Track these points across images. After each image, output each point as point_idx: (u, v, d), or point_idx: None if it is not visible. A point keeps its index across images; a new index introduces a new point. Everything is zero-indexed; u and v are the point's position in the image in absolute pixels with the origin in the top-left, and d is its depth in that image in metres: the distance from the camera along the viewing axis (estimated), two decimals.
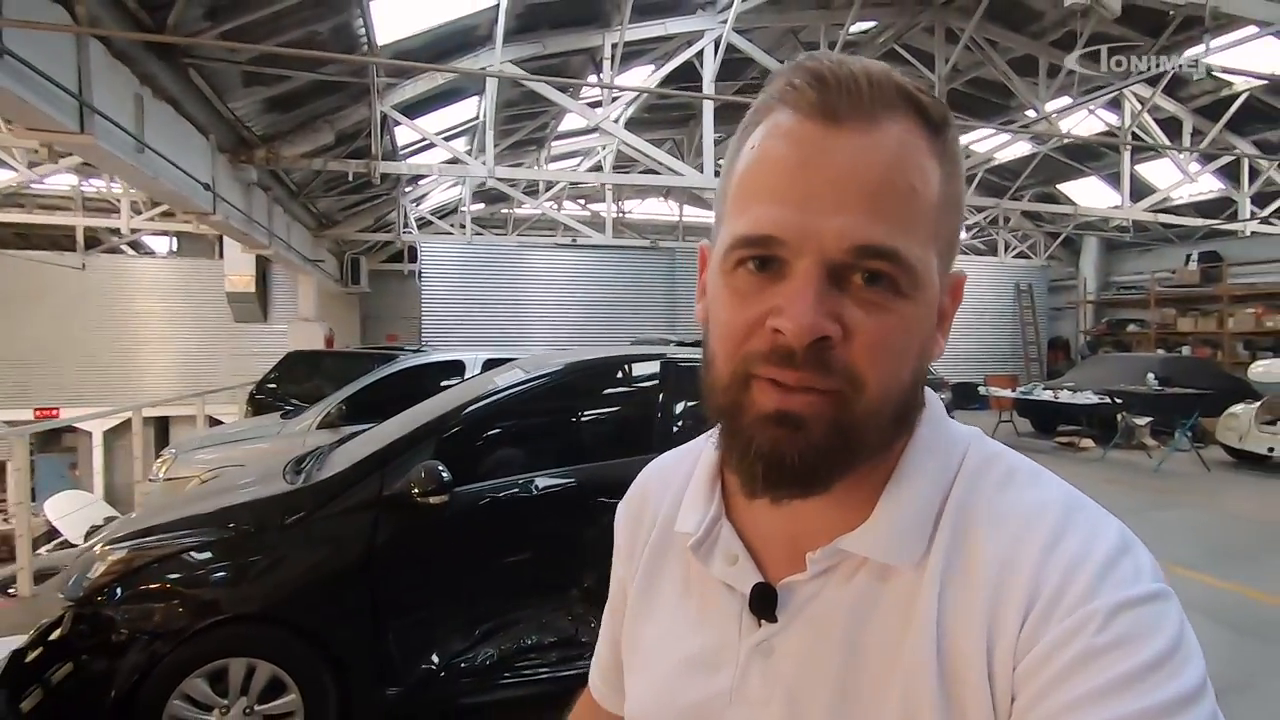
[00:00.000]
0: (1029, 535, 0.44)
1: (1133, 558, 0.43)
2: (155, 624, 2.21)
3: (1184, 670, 0.39)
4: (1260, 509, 6.62)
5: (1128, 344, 15.36)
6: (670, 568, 0.59)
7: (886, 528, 0.47)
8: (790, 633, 0.50)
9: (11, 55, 3.18)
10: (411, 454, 2.48)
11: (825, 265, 0.43)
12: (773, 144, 0.45)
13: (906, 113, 0.44)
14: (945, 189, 0.46)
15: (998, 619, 0.43)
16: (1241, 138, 10.91)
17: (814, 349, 0.42)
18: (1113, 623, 0.40)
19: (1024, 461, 0.51)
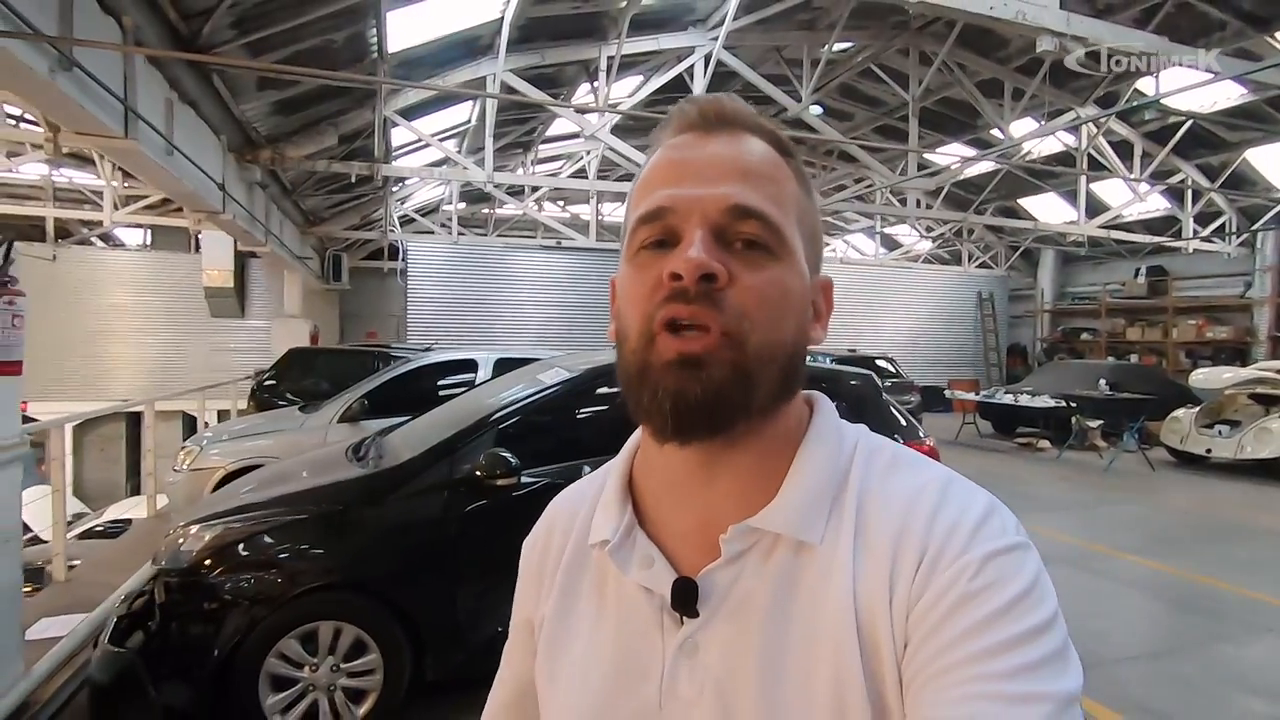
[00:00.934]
0: (916, 507, 0.50)
1: (999, 518, 0.49)
2: (255, 591, 2.48)
3: (1040, 606, 0.45)
4: (1197, 504, 7.26)
5: (1081, 351, 16.18)
6: (585, 587, 0.60)
7: (791, 505, 0.51)
8: (713, 625, 0.52)
9: (80, 68, 3.38)
10: (475, 442, 2.79)
11: (709, 226, 0.50)
12: (662, 154, 0.54)
13: (762, 135, 0.55)
14: (802, 196, 0.55)
15: (895, 578, 0.48)
16: (1186, 161, 11.74)
17: (704, 286, 0.48)
18: (984, 569, 0.45)
19: (905, 449, 0.57)
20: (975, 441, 11.29)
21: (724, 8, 8.25)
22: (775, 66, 10.27)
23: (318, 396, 6.53)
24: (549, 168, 14.91)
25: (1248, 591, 4.54)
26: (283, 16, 5.16)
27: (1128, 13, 8.34)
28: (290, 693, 2.50)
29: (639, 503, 0.58)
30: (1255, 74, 4.86)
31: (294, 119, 7.24)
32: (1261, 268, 13.19)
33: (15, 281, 2.56)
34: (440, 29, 7.05)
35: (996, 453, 10.47)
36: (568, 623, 0.60)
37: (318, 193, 11.15)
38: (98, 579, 4.25)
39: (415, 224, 14.70)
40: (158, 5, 4.22)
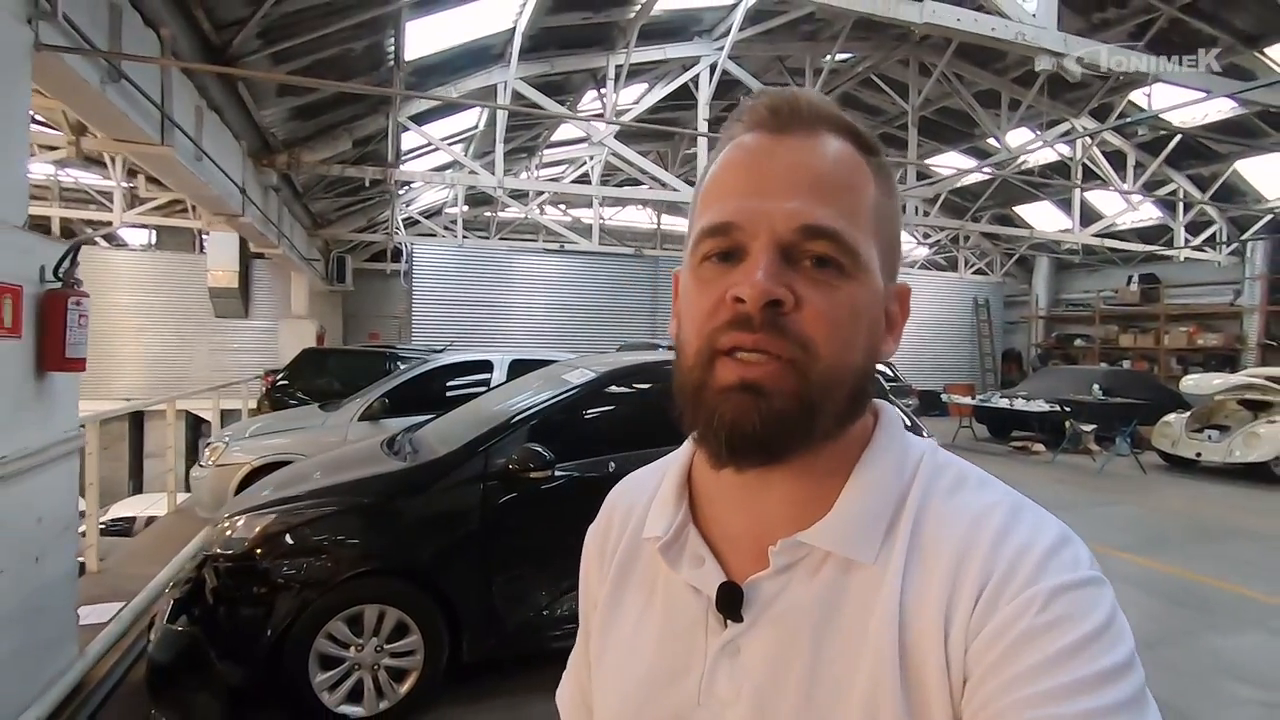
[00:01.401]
0: (980, 531, 0.47)
1: (1071, 549, 0.46)
2: (305, 576, 2.64)
3: (1115, 646, 0.42)
4: (1188, 506, 7.47)
5: (1075, 357, 16.45)
6: (637, 578, 0.60)
7: (845, 522, 0.50)
8: (756, 631, 0.51)
9: (128, 80, 3.54)
10: (509, 438, 2.96)
11: (777, 245, 0.47)
12: (731, 155, 0.51)
13: (841, 133, 0.51)
14: (881, 200, 0.51)
15: (953, 606, 0.46)
16: (1178, 172, 12.00)
17: (769, 313, 0.46)
18: (1053, 604, 0.43)
19: (973, 469, 0.54)
20: (971, 445, 11.49)
21: (730, 19, 8.46)
22: (778, 76, 10.49)
23: (330, 396, 6.68)
24: (552, 172, 15.10)
25: (1236, 588, 4.74)
26: (307, 27, 5.32)
27: (1123, 27, 8.60)
28: (337, 671, 2.66)
29: (695, 500, 0.58)
30: (1244, 93, 5.07)
31: (310, 124, 7.40)
32: (1251, 276, 13.46)
33: (81, 283, 2.72)
34: (455, 38, 7.23)
35: (992, 456, 10.66)
36: (618, 611, 0.61)
37: (327, 195, 11.30)
38: (128, 571, 4.40)
39: (419, 226, 14.86)
40: (193, 16, 4.38)
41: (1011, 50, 4.33)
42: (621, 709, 0.57)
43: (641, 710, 0.56)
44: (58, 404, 2.75)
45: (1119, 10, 8.47)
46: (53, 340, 2.61)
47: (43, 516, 2.67)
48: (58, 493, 2.80)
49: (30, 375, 2.57)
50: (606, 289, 15.67)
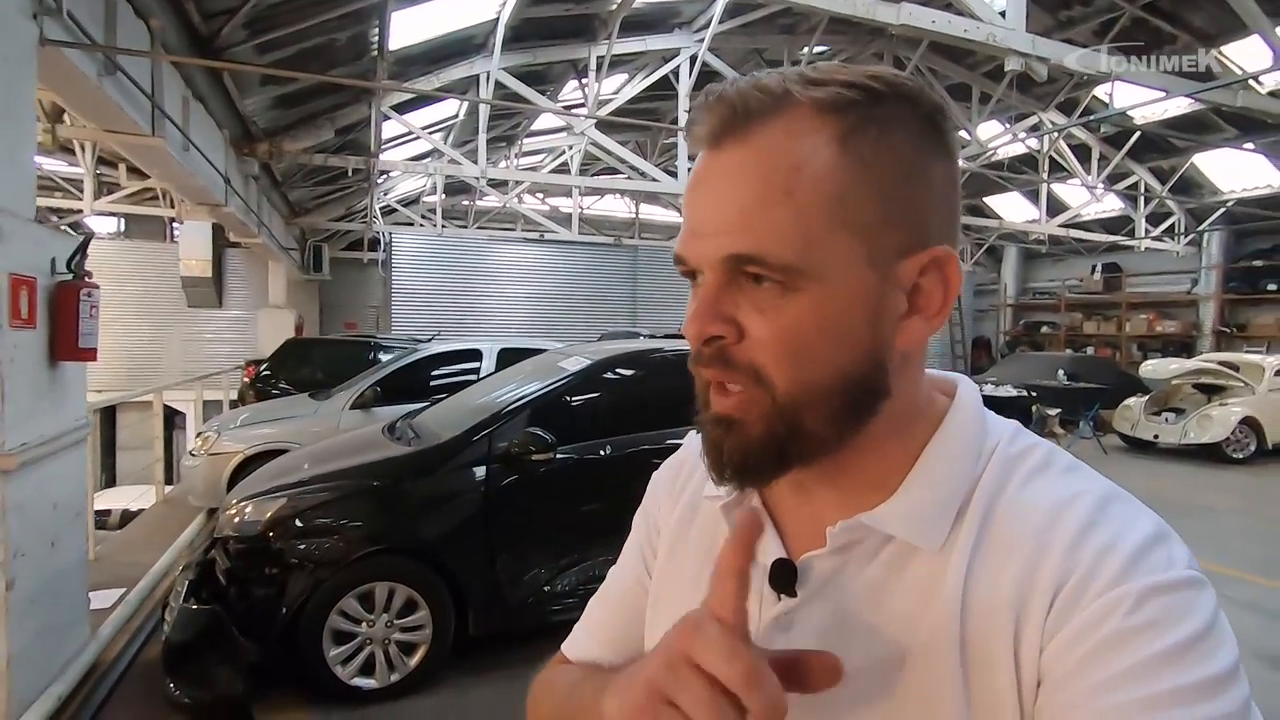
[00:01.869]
0: (1060, 522, 0.44)
1: (1166, 547, 0.43)
2: (319, 555, 2.76)
3: (1217, 653, 0.38)
4: (1146, 486, 7.86)
5: (1041, 344, 16.92)
6: (694, 536, 0.60)
7: (910, 506, 0.47)
8: (809, 608, 0.50)
9: (123, 72, 3.57)
10: (511, 422, 3.10)
11: (715, 274, 0.46)
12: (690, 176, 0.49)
13: (794, 111, 0.44)
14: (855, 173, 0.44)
15: (1026, 601, 0.43)
16: (1139, 164, 12.43)
17: (712, 349, 0.46)
18: (1144, 605, 0.39)
19: (1062, 454, 0.50)
20: None
21: (709, 11, 8.57)
22: (756, 68, 10.58)
23: (314, 386, 6.70)
24: (530, 161, 15.10)
25: None
26: (293, 18, 5.33)
27: (1087, 25, 8.91)
28: (350, 645, 2.79)
29: None
30: (1200, 94, 5.35)
31: (292, 113, 7.37)
32: (1207, 266, 14.02)
33: (91, 275, 2.78)
34: (438, 29, 7.24)
35: None
36: (676, 563, 0.61)
37: (305, 184, 11.21)
38: (124, 559, 4.46)
39: (396, 215, 14.78)
40: (182, 8, 4.39)
41: (983, 50, 4.52)
42: None
43: None
44: (69, 393, 2.82)
45: (1084, 8, 8.76)
46: (65, 331, 2.68)
47: (57, 502, 2.75)
48: (70, 480, 2.88)
49: (44, 365, 2.64)
50: (587, 278, 15.75)
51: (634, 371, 3.63)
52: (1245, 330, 13.70)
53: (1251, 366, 9.66)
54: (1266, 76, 5.86)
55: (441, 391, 5.17)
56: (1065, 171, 11.85)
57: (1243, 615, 4.07)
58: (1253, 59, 8.35)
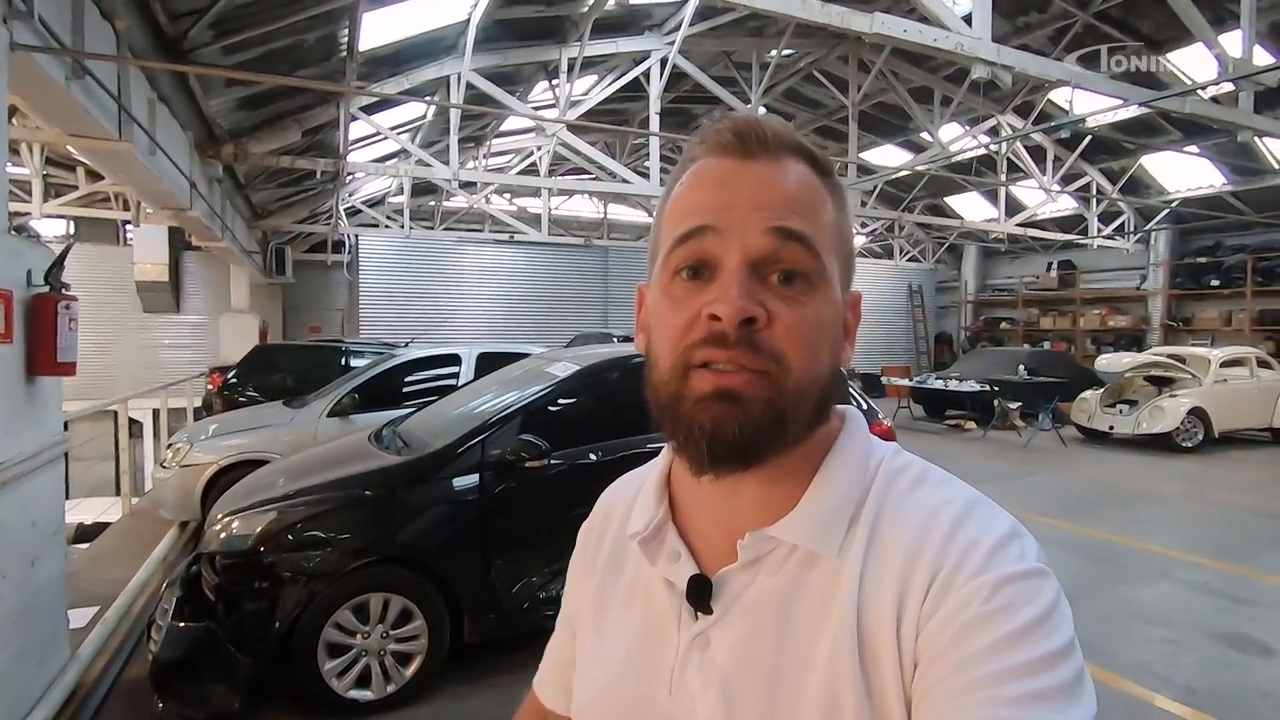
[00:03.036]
0: (934, 523, 0.50)
1: (1019, 543, 0.49)
2: (312, 568, 2.73)
3: (1055, 633, 0.44)
4: (1102, 474, 8.19)
5: (1001, 339, 17.45)
6: (621, 574, 0.63)
7: (809, 517, 0.52)
8: (725, 623, 0.53)
9: (91, 75, 3.47)
10: (503, 429, 3.11)
11: (749, 261, 0.49)
12: (699, 176, 0.53)
13: (801, 157, 0.53)
14: (838, 218, 0.54)
15: (906, 593, 0.48)
16: (1092, 165, 12.92)
17: (744, 330, 0.48)
18: (999, 592, 0.45)
19: (934, 469, 0.56)
20: (909, 424, 12.13)
21: (679, 14, 8.64)
22: (725, 69, 10.74)
23: (283, 394, 6.56)
24: (499, 161, 14.98)
25: (1145, 545, 5.31)
26: (261, 19, 5.22)
27: (1043, 31, 9.23)
28: (345, 658, 2.77)
29: (674, 500, 0.61)
30: (1154, 102, 5.60)
31: (257, 115, 7.21)
32: (1155, 262, 14.63)
33: (68, 287, 2.71)
34: (408, 29, 7.16)
35: (928, 434, 11.32)
36: (603, 604, 0.64)
37: (268, 186, 10.96)
38: (97, 575, 4.32)
39: (361, 216, 14.53)
40: (148, 9, 4.28)
41: (952, 59, 4.67)
42: (596, 698, 0.60)
43: (614, 699, 0.59)
44: (47, 408, 2.75)
45: (1040, 15, 9.08)
46: (43, 344, 2.60)
47: (36, 521, 2.68)
48: (48, 496, 2.80)
49: (22, 380, 2.56)
50: (558, 279, 15.70)
51: (622, 375, 3.66)
52: (1190, 324, 14.34)
53: (1198, 359, 10.12)
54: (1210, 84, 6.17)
55: (420, 397, 5.13)
56: (1022, 172, 12.25)
57: (1196, 597, 4.29)
58: (1197, 65, 8.78)
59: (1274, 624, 3.86)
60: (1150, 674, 3.29)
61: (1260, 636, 3.70)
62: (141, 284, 13.65)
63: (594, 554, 0.68)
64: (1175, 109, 5.72)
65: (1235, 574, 4.68)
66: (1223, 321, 13.72)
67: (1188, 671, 3.33)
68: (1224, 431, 9.67)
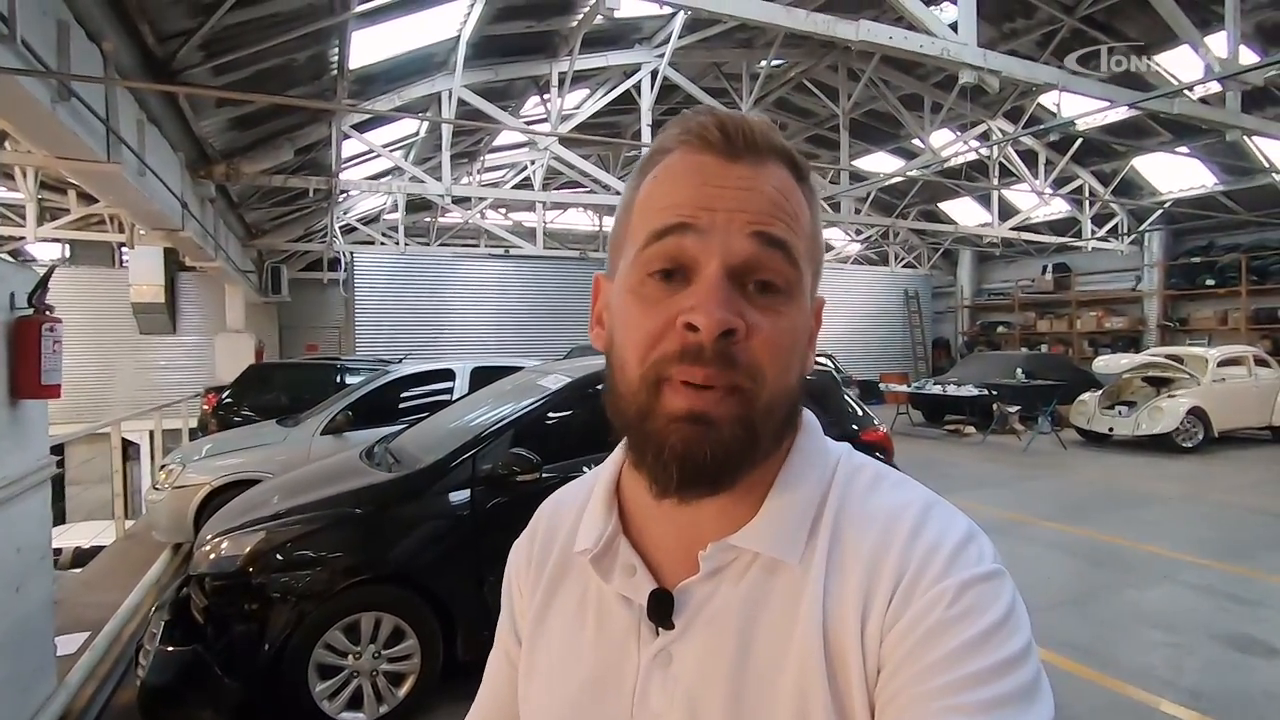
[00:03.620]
0: (895, 528, 0.50)
1: (977, 544, 0.49)
2: (302, 588, 2.69)
3: (1014, 636, 0.45)
4: (1103, 476, 8.16)
5: (998, 343, 17.47)
6: (566, 592, 0.60)
7: (771, 525, 0.51)
8: (688, 638, 0.52)
9: (78, 98, 3.47)
10: (495, 444, 3.08)
11: (728, 268, 0.47)
12: (676, 170, 0.50)
13: (783, 162, 0.51)
14: (813, 227, 0.53)
15: (870, 599, 0.48)
16: (1083, 168, 12.97)
17: (721, 344, 0.46)
18: (961, 596, 0.46)
19: (889, 470, 0.56)
20: (908, 430, 12.11)
21: (669, 27, 8.70)
22: (715, 81, 10.81)
23: (279, 412, 6.53)
24: (493, 176, 15.03)
25: (1147, 546, 5.27)
26: (251, 39, 5.25)
27: (1030, 36, 9.30)
28: (337, 679, 2.73)
29: (624, 511, 0.58)
30: (1142, 103, 5.62)
31: (249, 134, 7.23)
32: (1149, 264, 14.66)
33: (53, 309, 2.69)
34: (399, 47, 7.20)
35: (928, 440, 11.29)
36: (547, 627, 0.60)
37: (262, 205, 10.98)
38: (88, 600, 4.27)
39: (356, 233, 14.56)
40: (136, 30, 4.29)
41: (938, 64, 4.68)
42: None
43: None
44: (31, 432, 2.71)
45: (1026, 21, 9.14)
46: (27, 367, 2.58)
47: (21, 546, 2.64)
48: (34, 521, 2.76)
49: (5, 403, 2.54)
50: (553, 293, 15.72)
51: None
52: (1187, 324, 14.35)
53: (1196, 359, 10.12)
54: (1197, 84, 6.20)
55: (415, 413, 5.09)
56: (1014, 176, 12.29)
57: (1200, 599, 4.25)
58: (1184, 66, 8.84)
59: (1278, 624, 3.81)
60: (1155, 678, 3.24)
61: (1265, 637, 3.65)
62: (137, 305, 13.67)
63: (534, 571, 0.64)
64: (1164, 110, 5.74)
65: (1238, 575, 4.64)
66: (1219, 321, 13.73)
67: (1193, 674, 3.28)
68: (1223, 431, 9.66)
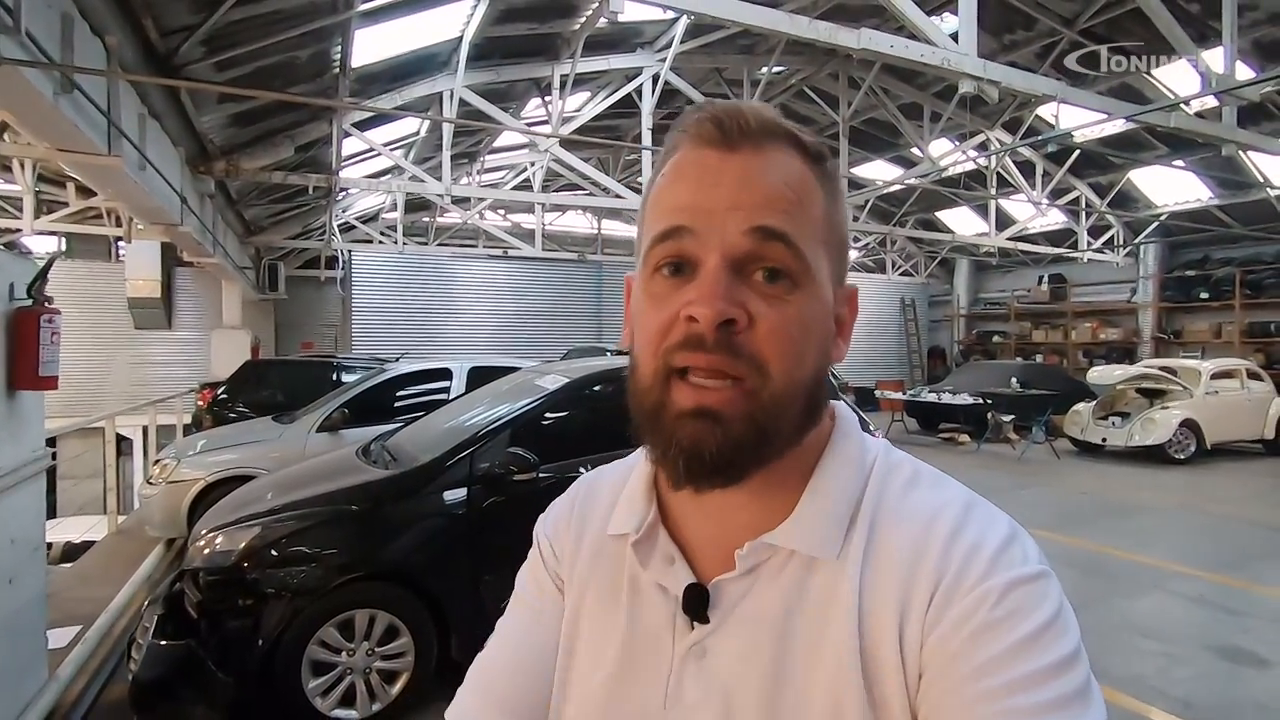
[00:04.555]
0: (934, 528, 0.49)
1: (1020, 544, 0.48)
2: (296, 584, 2.69)
3: (1063, 637, 0.44)
4: (1096, 486, 8.19)
5: (993, 352, 17.52)
6: (599, 577, 0.60)
7: (808, 522, 0.51)
8: (723, 632, 0.51)
9: (80, 90, 3.47)
10: (492, 443, 3.08)
11: (729, 260, 0.47)
12: (680, 169, 0.51)
13: (788, 144, 0.51)
14: (829, 208, 0.52)
15: (908, 602, 0.47)
16: (1080, 180, 13.05)
17: (723, 333, 0.46)
18: (1005, 598, 0.44)
19: (926, 467, 0.55)
20: (903, 438, 12.14)
21: (671, 32, 8.74)
22: (716, 86, 10.85)
23: (274, 409, 6.52)
24: (493, 177, 15.04)
25: (1138, 557, 5.30)
26: (253, 35, 5.25)
27: (1029, 48, 9.36)
28: (330, 676, 2.72)
29: (663, 500, 0.58)
30: (1139, 115, 5.67)
31: (250, 130, 7.22)
32: (1144, 275, 14.74)
33: (51, 300, 2.69)
34: (401, 46, 7.21)
35: (923, 447, 11.31)
36: (582, 611, 0.60)
37: (260, 202, 10.97)
38: (78, 594, 4.25)
39: (354, 232, 14.54)
40: (139, 24, 4.29)
41: (939, 74, 4.71)
42: (585, 711, 0.57)
43: (606, 713, 0.55)
44: (27, 423, 2.71)
45: (1026, 33, 9.21)
46: (25, 359, 2.57)
47: (15, 538, 2.63)
48: (28, 513, 2.75)
49: (1, 394, 2.53)
50: (551, 294, 15.72)
51: (612, 388, 3.64)
52: (1181, 336, 14.42)
53: (1189, 371, 10.17)
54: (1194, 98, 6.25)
55: (411, 412, 5.09)
56: (1012, 187, 12.36)
57: (1191, 609, 4.28)
58: (1180, 80, 8.91)
59: (1268, 636, 3.84)
60: (1146, 687, 3.26)
61: (1254, 648, 3.68)
62: (133, 300, 13.62)
63: (575, 543, 0.63)
64: (1161, 123, 5.78)
65: (1229, 585, 4.66)
66: (1213, 333, 13.80)
67: (1183, 684, 3.30)
68: (1216, 443, 9.70)
